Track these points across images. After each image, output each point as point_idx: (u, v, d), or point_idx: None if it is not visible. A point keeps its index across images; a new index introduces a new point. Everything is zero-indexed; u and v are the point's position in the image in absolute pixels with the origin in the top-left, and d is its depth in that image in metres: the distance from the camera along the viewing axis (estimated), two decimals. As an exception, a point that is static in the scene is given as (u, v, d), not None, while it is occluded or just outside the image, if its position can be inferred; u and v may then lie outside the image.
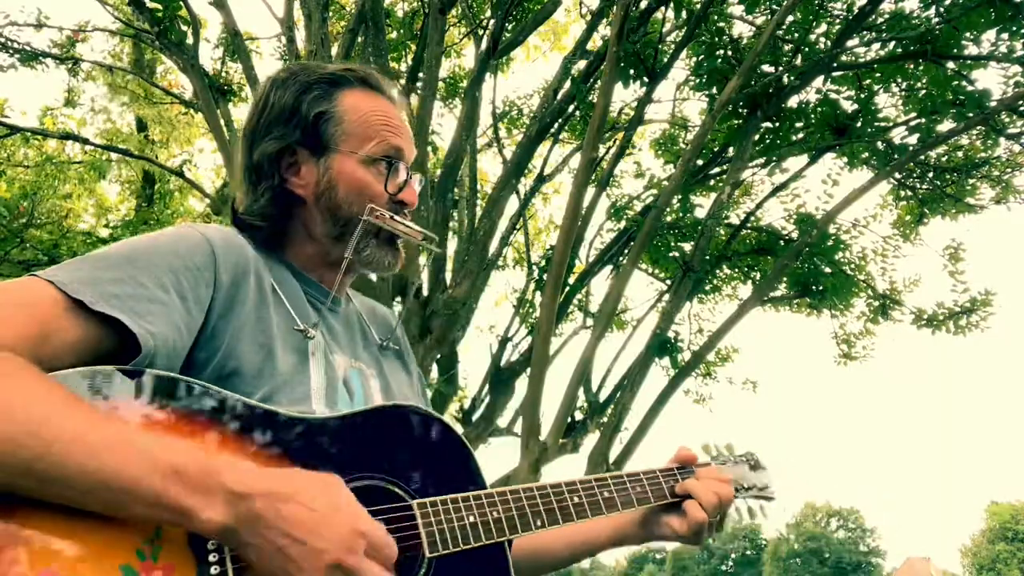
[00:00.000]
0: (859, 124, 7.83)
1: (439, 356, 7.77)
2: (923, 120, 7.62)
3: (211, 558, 0.88)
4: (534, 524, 1.13)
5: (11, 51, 7.64)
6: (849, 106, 8.03)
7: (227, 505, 0.85)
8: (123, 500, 0.82)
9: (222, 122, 6.89)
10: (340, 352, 1.24)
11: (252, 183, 1.24)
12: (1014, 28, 6.43)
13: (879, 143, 8.04)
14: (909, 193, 8.98)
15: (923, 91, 7.61)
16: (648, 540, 1.37)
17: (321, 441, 1.02)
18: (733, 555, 69.35)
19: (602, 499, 1.24)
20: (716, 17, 7.78)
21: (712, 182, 9.02)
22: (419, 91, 7.69)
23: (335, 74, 1.27)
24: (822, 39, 7.89)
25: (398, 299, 7.21)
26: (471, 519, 1.07)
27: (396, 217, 1.25)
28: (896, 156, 7.77)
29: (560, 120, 8.46)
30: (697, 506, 1.29)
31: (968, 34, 6.73)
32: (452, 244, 8.51)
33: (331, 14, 8.46)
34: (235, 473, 0.87)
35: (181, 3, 6.56)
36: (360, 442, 1.04)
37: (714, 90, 7.60)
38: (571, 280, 8.73)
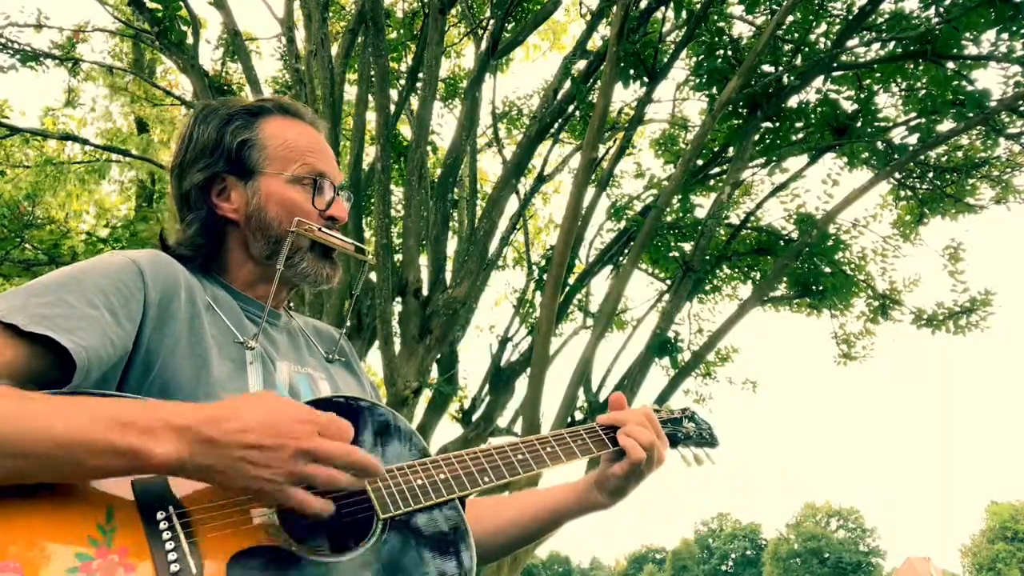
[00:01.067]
0: (859, 124, 7.83)
1: (439, 356, 7.77)
2: (923, 120, 7.63)
3: (164, 536, 0.90)
4: (481, 480, 1.17)
5: (11, 51, 7.64)
6: (849, 106, 8.03)
7: (177, 438, 0.88)
8: (77, 456, 0.85)
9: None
10: (283, 360, 1.28)
11: (182, 214, 1.30)
12: (1014, 28, 6.43)
13: (879, 143, 8.04)
14: (909, 193, 8.99)
15: (923, 91, 7.61)
16: (606, 499, 1.40)
17: None
18: (733, 555, 69.33)
19: (544, 454, 1.29)
20: (716, 17, 7.78)
21: (712, 182, 9.02)
22: (419, 91, 7.70)
23: (253, 106, 1.33)
24: (822, 39, 7.89)
25: (398, 299, 7.21)
26: (419, 481, 1.11)
27: (325, 229, 1.28)
28: (896, 156, 7.77)
29: (560, 120, 8.46)
30: (634, 444, 1.34)
31: (968, 34, 6.73)
32: (452, 244, 8.52)
33: (331, 14, 8.46)
34: (176, 409, 0.91)
35: (181, 3, 6.56)
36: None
37: (714, 90, 7.60)
38: (571, 280, 8.73)
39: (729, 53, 7.74)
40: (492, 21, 8.17)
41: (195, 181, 1.28)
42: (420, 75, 7.82)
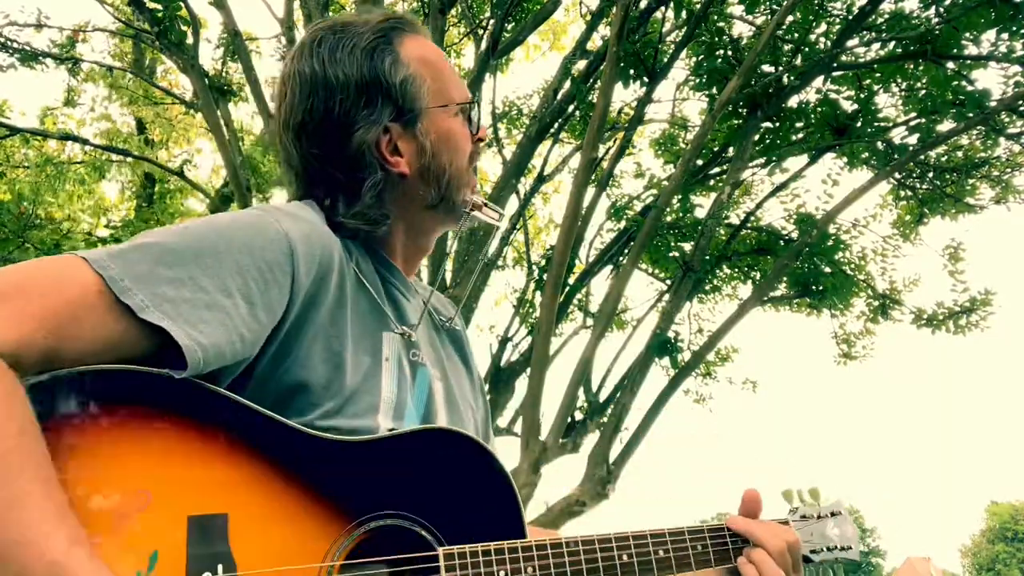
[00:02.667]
0: (859, 124, 7.83)
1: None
2: (923, 120, 7.63)
3: None
4: None
5: (11, 51, 7.64)
6: (849, 106, 8.03)
7: None
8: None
9: (222, 122, 6.90)
10: (411, 353, 1.13)
11: (336, 179, 1.09)
12: (1014, 28, 6.43)
13: (879, 143, 8.04)
14: (909, 193, 8.98)
15: (923, 91, 7.61)
16: None
17: (348, 469, 0.92)
18: (733, 555, 69.30)
19: (655, 559, 1.07)
20: (716, 17, 7.78)
21: (712, 182, 9.02)
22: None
23: (384, 27, 1.11)
24: (822, 39, 7.89)
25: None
26: (502, 574, 0.95)
27: (488, 206, 1.18)
28: (896, 156, 7.77)
29: (560, 120, 8.46)
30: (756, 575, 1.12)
31: (968, 34, 6.73)
32: (452, 244, 8.51)
33: (331, 14, 8.46)
34: None
35: (181, 3, 6.56)
36: (391, 473, 0.94)
37: (714, 90, 7.60)
38: (571, 280, 8.73)
39: (729, 53, 7.74)
40: (492, 21, 8.17)
41: (366, 139, 1.06)
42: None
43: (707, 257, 8.18)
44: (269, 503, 0.85)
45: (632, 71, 7.09)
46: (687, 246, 8.87)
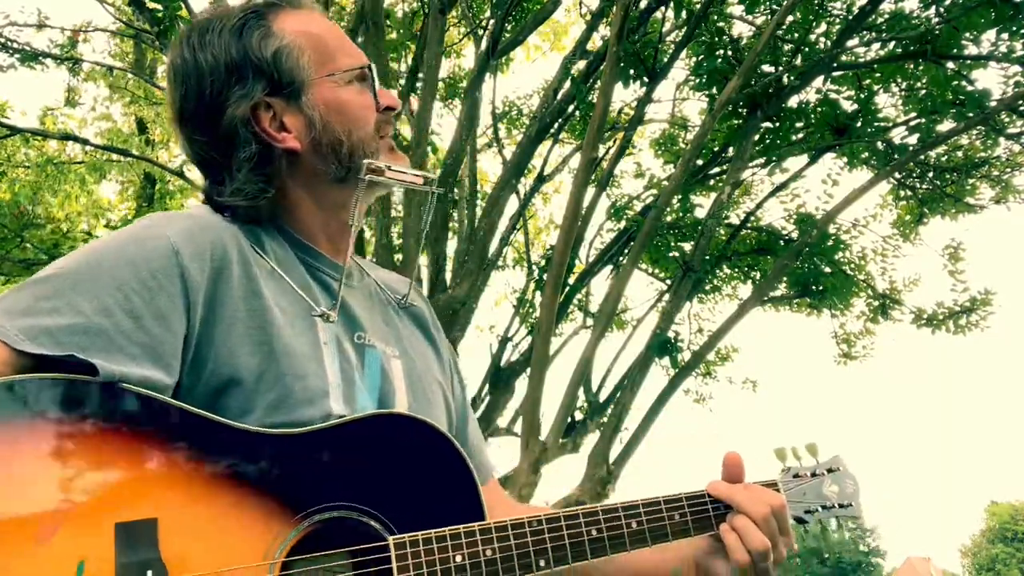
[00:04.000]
0: (859, 124, 7.83)
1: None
2: (923, 120, 7.62)
3: None
4: (536, 564, 0.94)
5: (11, 51, 7.64)
6: (849, 106, 8.03)
7: None
8: None
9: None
10: (355, 336, 1.08)
11: (218, 162, 1.06)
12: (1014, 28, 6.43)
13: (879, 143, 8.03)
14: (909, 193, 8.98)
15: (923, 91, 7.61)
16: None
17: (290, 462, 0.88)
18: (733, 555, 69.28)
19: (627, 532, 1.01)
20: (716, 17, 7.78)
21: (712, 182, 9.02)
22: (419, 91, 7.69)
23: (257, 6, 1.10)
24: (822, 39, 7.89)
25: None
26: (458, 559, 0.90)
27: (394, 167, 1.10)
28: (896, 156, 7.77)
29: (560, 120, 8.46)
30: (738, 545, 1.05)
31: (968, 34, 6.73)
32: (452, 244, 8.52)
33: (331, 14, 8.45)
34: None
35: (181, 3, 6.56)
36: (337, 462, 0.90)
37: (714, 90, 7.60)
38: (571, 280, 8.73)
39: (729, 53, 7.74)
40: (492, 21, 8.17)
41: (237, 115, 1.03)
42: (420, 75, 7.82)
43: (707, 257, 8.17)
44: (203, 505, 0.82)
45: (632, 71, 7.08)
46: (687, 246, 8.86)
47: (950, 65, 7.06)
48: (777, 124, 8.21)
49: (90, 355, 0.82)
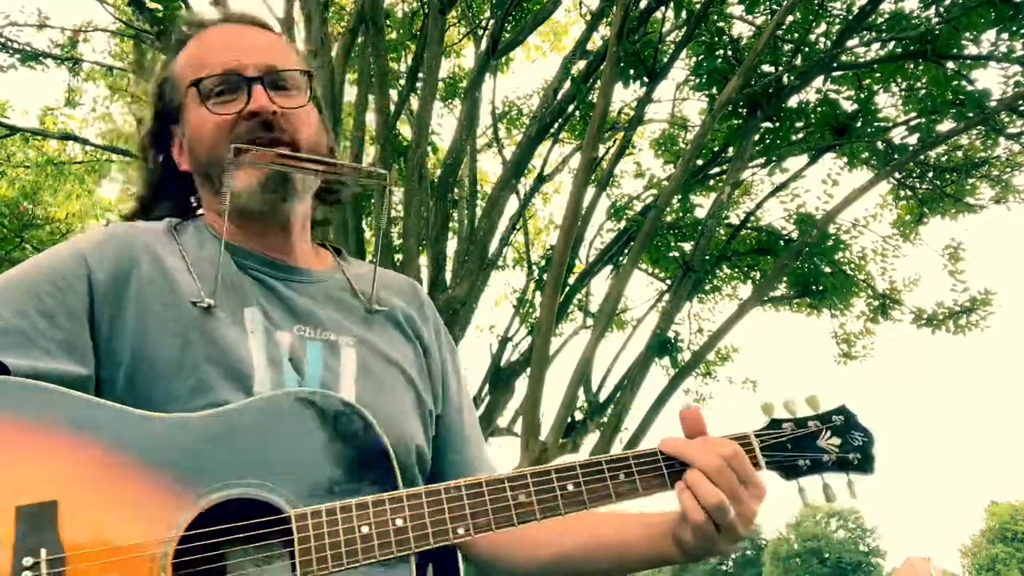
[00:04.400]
0: (859, 124, 7.83)
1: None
2: (923, 120, 7.63)
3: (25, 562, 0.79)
4: (454, 531, 0.89)
5: (11, 51, 7.64)
6: (849, 106, 8.03)
7: None
8: None
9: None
10: (284, 327, 1.07)
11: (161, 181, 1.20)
12: (1014, 28, 6.43)
13: (879, 143, 8.04)
14: (909, 193, 8.98)
15: (923, 91, 7.61)
16: (680, 555, 1.00)
17: (192, 444, 0.88)
18: (733, 555, 69.39)
19: (561, 496, 0.93)
20: (716, 17, 7.78)
21: (712, 182, 9.02)
22: (419, 91, 7.70)
23: (176, 38, 1.18)
24: (822, 39, 7.89)
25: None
26: (364, 529, 0.86)
27: (271, 151, 1.05)
28: (896, 156, 7.77)
29: (560, 120, 8.46)
30: (692, 503, 0.95)
31: (968, 34, 6.73)
32: (452, 244, 8.52)
33: (331, 14, 8.46)
34: None
35: (181, 3, 6.56)
36: (241, 441, 0.89)
37: (714, 90, 7.60)
38: (571, 280, 8.73)
39: (729, 53, 7.74)
40: (492, 21, 8.17)
41: (141, 137, 1.19)
42: (420, 75, 7.82)
43: (707, 257, 8.18)
44: (103, 487, 0.84)
45: (632, 71, 7.09)
46: (687, 246, 8.86)
47: (950, 65, 7.06)
48: (777, 124, 8.21)
49: (3, 355, 0.89)
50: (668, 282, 9.14)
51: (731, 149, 8.34)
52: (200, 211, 1.20)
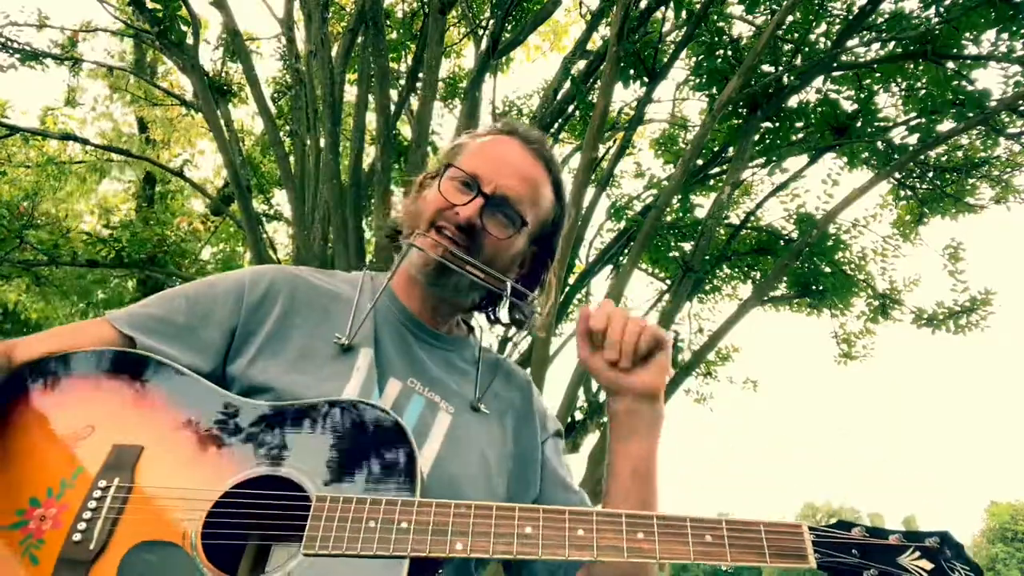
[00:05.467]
0: (859, 124, 7.83)
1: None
2: (923, 120, 7.62)
3: (91, 504, 0.97)
4: (451, 546, 0.93)
5: (11, 51, 7.64)
6: (849, 106, 8.03)
7: None
8: None
9: (222, 123, 6.90)
10: (400, 375, 1.21)
11: None
12: (1014, 28, 6.43)
13: (879, 143, 8.03)
14: (909, 193, 8.98)
15: (923, 91, 7.61)
16: (627, 414, 1.14)
17: (251, 425, 1.05)
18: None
19: (569, 539, 0.94)
20: (716, 17, 7.78)
21: (712, 182, 9.02)
22: (419, 91, 7.69)
23: (482, 131, 1.35)
24: (822, 39, 7.89)
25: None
26: (371, 523, 0.93)
27: (442, 246, 1.22)
28: (896, 156, 7.77)
29: (560, 120, 8.46)
30: (585, 352, 1.18)
31: (968, 34, 6.72)
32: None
33: (331, 14, 8.46)
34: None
35: (181, 3, 6.56)
36: (293, 432, 1.04)
37: (714, 90, 7.60)
38: (571, 280, 8.73)
39: (729, 53, 7.74)
40: (492, 21, 8.17)
41: (423, 175, 1.35)
42: (420, 75, 7.82)
43: (707, 257, 8.17)
44: (181, 444, 1.04)
45: (632, 71, 7.08)
46: (687, 246, 8.86)
47: (950, 65, 7.06)
48: (777, 124, 8.21)
49: (153, 339, 1.15)
50: (668, 282, 9.14)
51: (731, 149, 8.34)
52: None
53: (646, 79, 7.22)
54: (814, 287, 8.39)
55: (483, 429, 1.25)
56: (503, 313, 1.43)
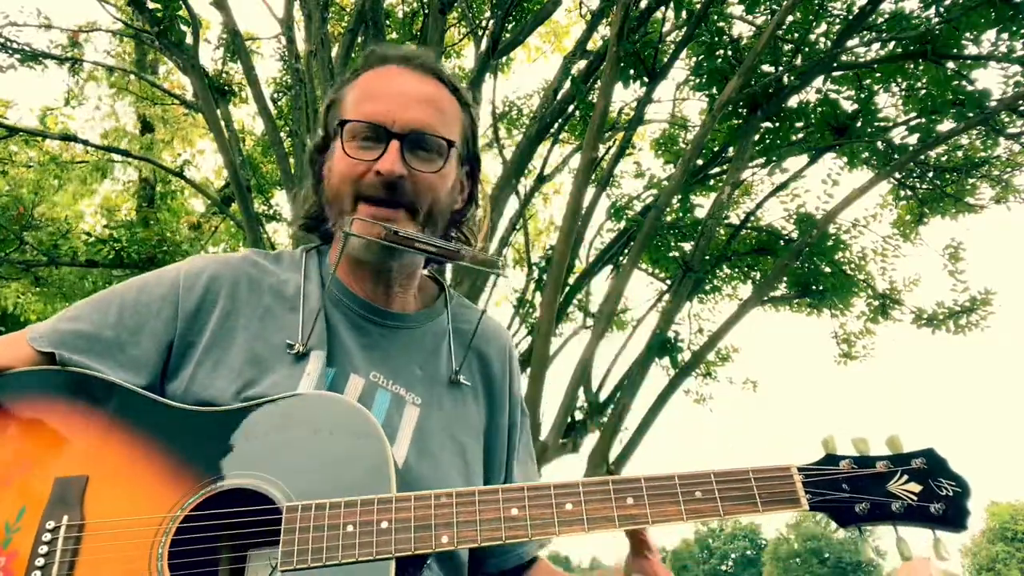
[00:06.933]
0: (859, 124, 7.82)
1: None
2: (923, 120, 7.62)
3: (41, 550, 0.89)
4: (436, 540, 0.88)
5: (11, 51, 7.64)
6: (849, 106, 8.02)
7: None
8: None
9: (222, 122, 6.89)
10: (361, 371, 1.12)
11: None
12: (1014, 28, 6.43)
13: (879, 143, 8.03)
14: (909, 193, 8.98)
15: (923, 91, 7.61)
16: None
17: (209, 435, 0.97)
18: (733, 555, 69.31)
19: (558, 514, 0.90)
20: (716, 17, 7.78)
21: (712, 182, 9.01)
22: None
23: (361, 63, 1.22)
24: (822, 39, 7.89)
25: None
26: (349, 528, 0.88)
27: (383, 228, 1.08)
28: (896, 156, 7.76)
29: (560, 120, 8.45)
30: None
31: (968, 34, 6.72)
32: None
33: (331, 14, 8.45)
34: None
35: (181, 3, 6.56)
36: (254, 437, 0.96)
37: (714, 90, 7.60)
38: (571, 280, 8.72)
39: (729, 53, 7.73)
40: (492, 21, 8.17)
41: (309, 149, 1.22)
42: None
43: (707, 257, 8.17)
44: (129, 467, 0.96)
45: (632, 71, 7.08)
46: (687, 246, 8.86)
47: (950, 65, 7.06)
48: (777, 124, 8.20)
49: (84, 357, 1.05)
50: (668, 282, 9.14)
51: (731, 149, 8.33)
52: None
53: (646, 79, 7.22)
54: (814, 287, 8.39)
55: (456, 412, 1.18)
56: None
